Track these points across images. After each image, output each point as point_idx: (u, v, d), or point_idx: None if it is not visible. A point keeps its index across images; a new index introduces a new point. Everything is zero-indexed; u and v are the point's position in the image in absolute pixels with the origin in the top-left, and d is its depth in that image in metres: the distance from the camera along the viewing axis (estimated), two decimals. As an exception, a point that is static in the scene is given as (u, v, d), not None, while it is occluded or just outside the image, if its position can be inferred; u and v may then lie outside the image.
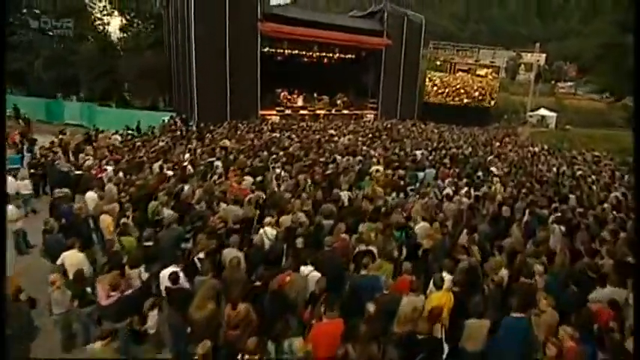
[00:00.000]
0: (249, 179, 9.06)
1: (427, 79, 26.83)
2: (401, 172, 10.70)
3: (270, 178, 9.53)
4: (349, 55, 25.20)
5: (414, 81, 26.13)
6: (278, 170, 10.31)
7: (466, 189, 9.28)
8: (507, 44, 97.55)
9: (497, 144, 18.18)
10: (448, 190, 9.18)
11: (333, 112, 23.83)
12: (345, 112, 24.41)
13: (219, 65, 19.21)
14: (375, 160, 11.85)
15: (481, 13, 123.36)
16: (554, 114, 38.97)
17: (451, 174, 10.83)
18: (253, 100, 20.54)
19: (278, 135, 15.84)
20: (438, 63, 26.73)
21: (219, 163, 10.79)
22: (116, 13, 29.18)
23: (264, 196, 7.99)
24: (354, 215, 7.13)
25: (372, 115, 24.92)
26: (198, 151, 12.13)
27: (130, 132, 16.90)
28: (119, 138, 14.79)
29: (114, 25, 29.71)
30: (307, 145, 13.41)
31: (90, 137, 14.80)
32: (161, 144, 13.25)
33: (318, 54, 24.23)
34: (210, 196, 7.91)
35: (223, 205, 7.58)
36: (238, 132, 16.17)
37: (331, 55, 24.55)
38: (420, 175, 10.84)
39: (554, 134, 34.77)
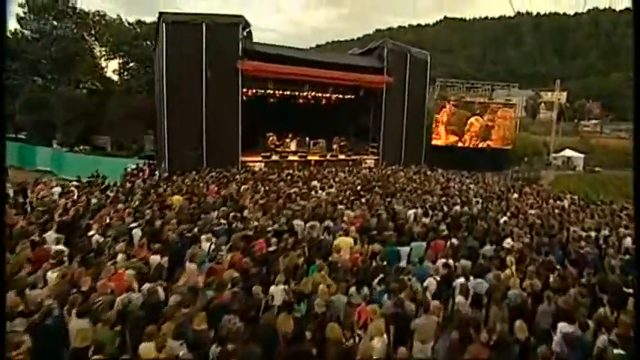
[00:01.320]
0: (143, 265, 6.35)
1: (434, 120, 24.19)
2: (376, 247, 7.78)
3: (190, 256, 6.80)
4: (348, 95, 23.05)
5: (420, 122, 23.51)
6: (206, 244, 7.58)
7: (462, 280, 6.22)
8: (526, 84, 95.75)
9: (515, 195, 14.94)
10: (432, 284, 6.17)
11: (329, 157, 21.28)
12: (342, 157, 21.83)
13: (194, 108, 17.22)
14: (348, 226, 8.96)
15: (497, 54, 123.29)
16: (581, 155, 35.25)
17: (446, 250, 7.77)
18: (233, 145, 18.27)
19: (247, 186, 13.27)
20: (447, 102, 24.11)
21: (138, 232, 8.18)
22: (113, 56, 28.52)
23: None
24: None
25: (373, 161, 22.19)
26: (127, 211, 9.59)
27: (89, 180, 14.69)
28: (58, 190, 12.50)
29: (111, 67, 29.04)
30: (269, 204, 10.68)
31: (25, 189, 12.53)
32: (94, 200, 10.83)
33: (312, 94, 22.16)
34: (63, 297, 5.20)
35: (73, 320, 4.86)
36: (202, 183, 13.71)
37: (326, 95, 22.45)
38: (404, 250, 7.84)
39: (582, 177, 31.05)
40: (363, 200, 12.22)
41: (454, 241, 8.29)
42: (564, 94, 69.34)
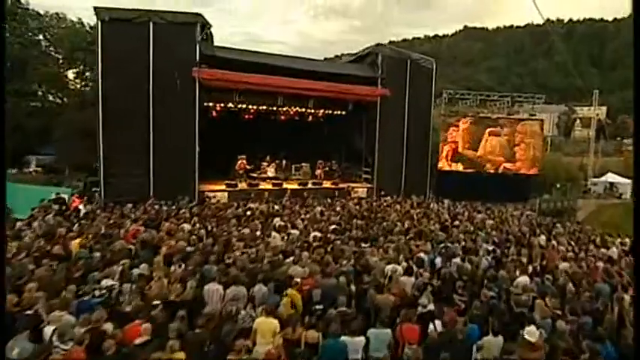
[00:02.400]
0: None
1: (442, 140, 22.02)
2: (313, 334, 5.61)
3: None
4: (337, 111, 21.18)
5: (424, 142, 21.37)
6: (49, 329, 5.44)
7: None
8: (558, 98, 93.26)
9: (542, 238, 12.51)
10: None
11: (310, 185, 19.20)
12: (328, 185, 19.72)
13: (138, 124, 15.47)
14: (292, 291, 6.82)
15: (524, 66, 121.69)
16: (627, 180, 32.54)
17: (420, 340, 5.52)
18: (188, 171, 16.37)
19: (180, 227, 11.21)
20: (458, 118, 21.95)
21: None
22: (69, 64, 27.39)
23: None
24: None
25: (366, 190, 20.03)
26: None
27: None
28: None
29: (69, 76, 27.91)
30: (193, 257, 8.53)
31: None
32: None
33: (294, 109, 20.37)
34: None
35: None
36: (128, 221, 11.67)
37: (311, 110, 20.61)
38: (355, 343, 5.59)
39: (631, 209, 28.31)
40: (331, 248, 10.07)
41: (438, 325, 6.02)
42: (604, 108, 66.73)
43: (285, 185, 18.80)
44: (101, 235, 10.01)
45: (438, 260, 9.48)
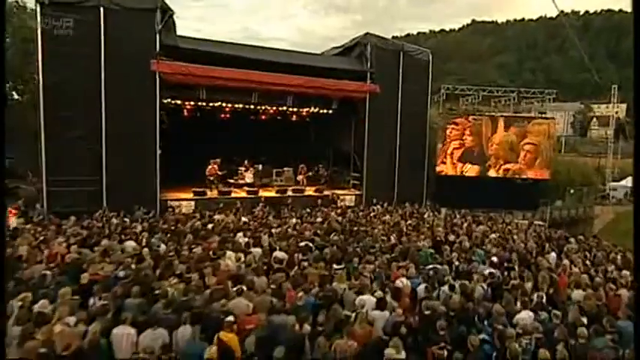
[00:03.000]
0: None
1: (440, 141, 20.68)
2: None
3: None
4: (324, 110, 19.97)
5: (420, 144, 20.14)
6: None
7: None
8: (573, 95, 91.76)
9: (552, 256, 11.21)
10: None
11: (290, 193, 17.97)
12: (311, 192, 18.49)
13: (89, 124, 14.29)
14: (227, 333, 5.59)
15: (536, 61, 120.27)
16: (649, 185, 31.16)
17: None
18: (149, 177, 15.17)
19: (133, 244, 10.01)
20: (458, 116, 20.63)
21: None
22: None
23: None
24: None
25: (354, 197, 18.79)
26: None
27: None
28: None
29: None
30: (121, 287, 7.31)
31: None
32: None
33: (274, 108, 19.17)
34: None
35: None
36: (61, 238, 10.45)
37: (294, 109, 19.46)
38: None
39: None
40: (300, 271, 8.88)
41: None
42: (623, 106, 65.17)
43: (261, 193, 17.57)
44: (15, 258, 8.79)
45: (422, 288, 8.21)
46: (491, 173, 20.81)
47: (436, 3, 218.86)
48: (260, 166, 20.25)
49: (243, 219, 14.03)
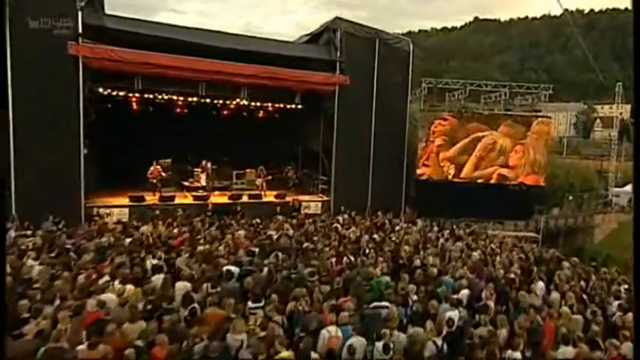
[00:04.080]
0: None
1: (422, 141, 18.29)
2: None
3: None
4: (291, 105, 17.69)
5: (399, 144, 17.85)
6: None
7: None
8: (577, 95, 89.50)
9: (539, 287, 8.94)
10: None
11: (245, 199, 15.75)
12: (271, 197, 16.25)
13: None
14: None
15: (539, 60, 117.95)
16: (656, 191, 28.66)
17: None
18: (70, 181, 12.96)
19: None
20: (441, 113, 18.16)
21: None
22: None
23: None
24: None
25: (320, 204, 16.52)
26: None
27: None
28: None
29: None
30: None
31: None
32: None
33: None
34: None
35: None
36: None
37: (258, 103, 17.23)
38: None
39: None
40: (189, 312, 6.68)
41: None
42: (627, 107, 63.00)
43: (212, 199, 15.33)
44: None
45: (353, 342, 5.98)
46: (479, 178, 18.44)
47: (438, 0, 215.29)
48: (222, 168, 18.09)
49: (175, 231, 11.83)
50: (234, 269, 8.74)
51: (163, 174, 15.39)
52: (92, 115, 13.50)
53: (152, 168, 15.06)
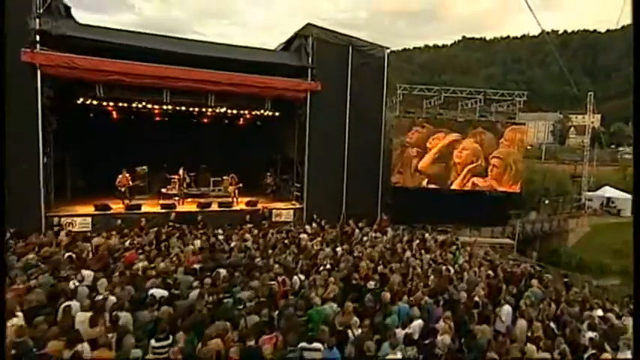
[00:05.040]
0: None
1: (396, 148, 16.19)
2: None
3: None
4: (269, 112, 15.78)
5: (374, 150, 15.79)
6: None
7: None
8: (554, 106, 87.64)
9: (504, 312, 6.91)
10: None
11: (215, 207, 13.81)
12: (242, 205, 14.29)
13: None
14: None
15: (520, 74, 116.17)
16: (627, 195, 26.34)
17: None
18: (29, 190, 11.11)
19: None
20: (416, 120, 16.03)
21: None
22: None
23: None
24: None
25: (292, 212, 14.53)
26: None
27: None
28: None
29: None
30: None
31: None
32: None
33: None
34: None
35: None
36: None
37: (233, 111, 15.31)
38: None
39: (632, 229, 22.36)
40: None
41: None
42: (598, 116, 61.28)
43: (179, 207, 13.40)
44: None
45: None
46: (455, 185, 16.31)
47: (433, 22, 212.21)
48: (196, 175, 16.22)
49: (127, 244, 9.91)
50: (160, 293, 6.83)
51: (131, 182, 13.47)
52: (54, 123, 11.66)
53: (120, 176, 13.14)
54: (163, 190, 15.22)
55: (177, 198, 14.58)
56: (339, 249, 10.27)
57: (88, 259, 8.66)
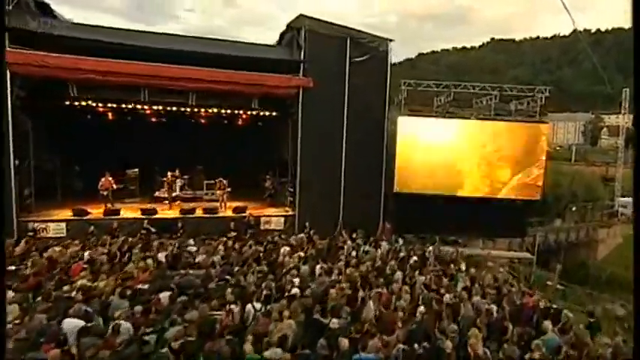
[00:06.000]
0: None
1: (400, 149, 13.93)
2: None
3: None
4: (265, 112, 14.23)
5: (376, 153, 13.78)
6: None
7: None
8: (585, 106, 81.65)
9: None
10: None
11: (199, 213, 12.35)
12: (229, 211, 12.75)
13: None
14: None
15: (550, 74, 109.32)
16: (667, 202, 22.70)
17: None
18: (2, 196, 9.97)
19: None
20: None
21: None
22: None
23: None
24: None
25: (283, 219, 12.82)
26: None
27: None
28: None
29: None
30: None
31: None
32: None
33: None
34: None
35: None
36: None
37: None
38: None
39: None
40: None
41: None
42: (632, 116, 56.00)
43: (160, 213, 12.01)
44: None
45: None
46: (465, 192, 14.04)
47: (461, 25, 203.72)
48: (191, 177, 14.90)
49: (87, 255, 8.57)
50: (72, 325, 5.34)
51: (115, 185, 12.24)
52: (28, 124, 10.59)
53: (103, 179, 11.93)
54: (157, 194, 14.03)
55: (167, 202, 13.32)
56: (318, 267, 8.52)
57: (28, 274, 7.35)
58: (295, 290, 7.00)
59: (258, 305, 6.42)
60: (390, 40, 13.40)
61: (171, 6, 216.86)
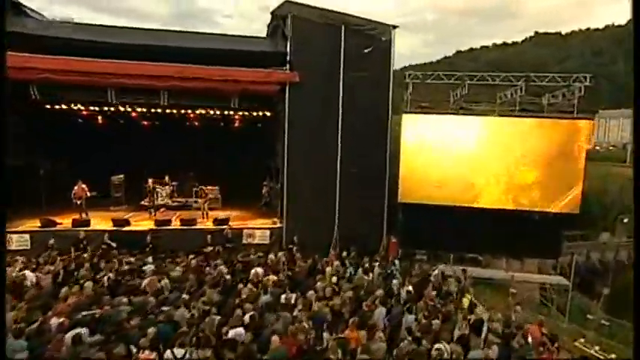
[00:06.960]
0: None
1: (405, 152, 12.24)
2: None
3: None
4: (259, 112, 13.04)
5: (377, 157, 12.02)
6: None
7: None
8: (641, 102, 74.51)
9: None
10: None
11: (175, 223, 11.23)
12: (209, 223, 11.53)
13: None
14: None
15: (600, 67, 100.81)
16: None
17: None
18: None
19: None
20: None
21: None
22: None
23: None
24: None
25: (269, 232, 11.41)
26: None
27: None
28: None
29: None
30: None
31: None
32: None
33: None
34: None
35: None
36: None
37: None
38: None
39: None
40: None
41: None
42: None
43: (133, 225, 11.00)
44: None
45: None
46: (484, 202, 11.93)
47: (505, 20, 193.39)
48: (179, 184, 13.95)
49: (29, 273, 7.62)
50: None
51: (89, 194, 11.38)
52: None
53: (76, 187, 11.11)
54: (143, 202, 13.14)
55: (151, 211, 12.39)
56: (283, 296, 7.05)
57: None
58: (236, 332, 5.57)
59: (181, 352, 5.07)
60: (394, 27, 11.65)
61: (211, 13, 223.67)
